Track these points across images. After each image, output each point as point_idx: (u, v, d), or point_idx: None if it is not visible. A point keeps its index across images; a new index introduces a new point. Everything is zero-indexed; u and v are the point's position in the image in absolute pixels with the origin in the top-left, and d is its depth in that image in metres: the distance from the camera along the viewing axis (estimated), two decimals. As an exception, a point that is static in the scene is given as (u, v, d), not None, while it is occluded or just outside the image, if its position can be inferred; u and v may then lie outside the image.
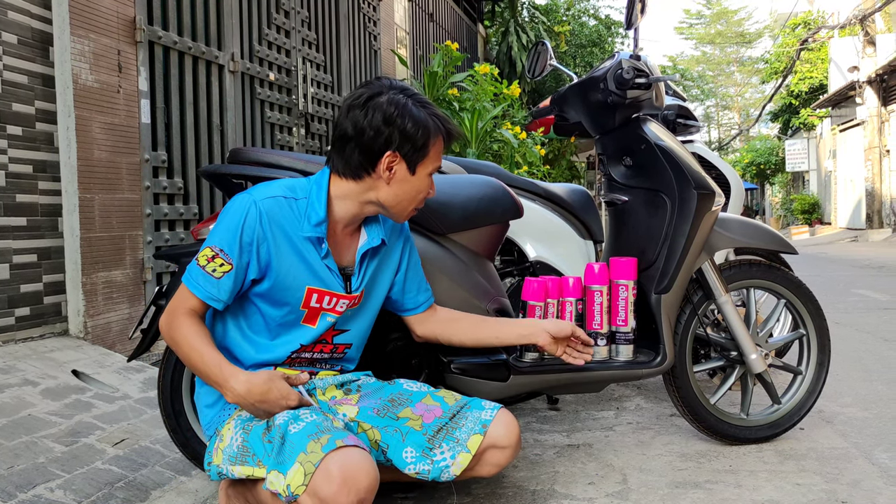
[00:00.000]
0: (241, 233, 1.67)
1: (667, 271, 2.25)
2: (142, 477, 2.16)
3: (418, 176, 1.75)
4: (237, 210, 1.68)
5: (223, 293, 1.68)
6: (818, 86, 23.99)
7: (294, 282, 1.73)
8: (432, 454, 1.79)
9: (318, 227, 1.72)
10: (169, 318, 1.70)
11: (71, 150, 3.12)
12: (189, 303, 1.69)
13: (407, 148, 1.70)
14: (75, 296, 3.15)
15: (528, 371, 2.17)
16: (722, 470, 2.27)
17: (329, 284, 1.77)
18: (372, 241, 1.83)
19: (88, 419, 2.44)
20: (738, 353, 2.43)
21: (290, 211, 1.72)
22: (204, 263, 1.67)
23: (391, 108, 1.68)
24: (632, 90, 2.22)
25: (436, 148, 1.75)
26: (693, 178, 2.23)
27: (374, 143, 1.69)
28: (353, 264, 1.83)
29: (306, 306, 1.77)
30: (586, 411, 3.02)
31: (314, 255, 1.74)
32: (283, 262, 1.72)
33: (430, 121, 1.72)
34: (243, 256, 1.68)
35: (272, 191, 1.72)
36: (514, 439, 1.84)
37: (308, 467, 1.50)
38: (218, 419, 1.78)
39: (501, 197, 2.27)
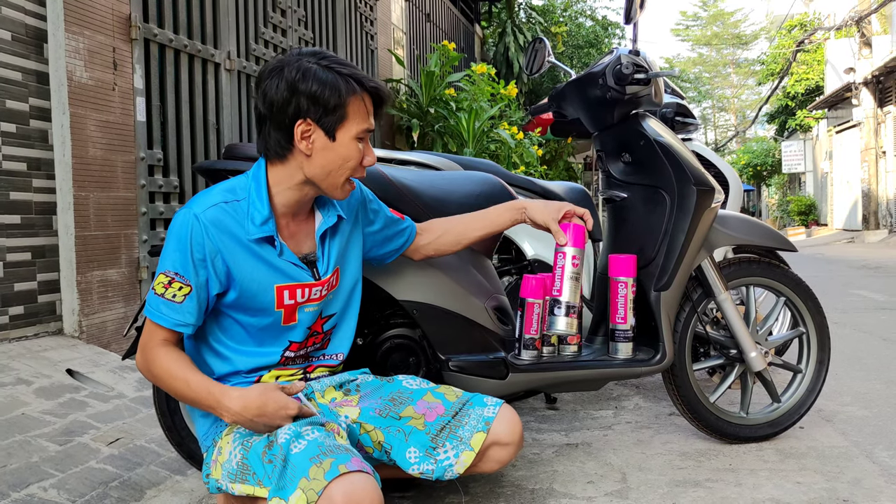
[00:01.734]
0: (191, 251, 1.59)
1: (666, 268, 2.23)
2: (136, 476, 2.14)
3: (340, 142, 1.63)
4: (180, 228, 1.60)
5: (189, 316, 1.61)
6: (814, 87, 24.05)
7: (260, 286, 1.67)
8: (436, 453, 1.77)
9: (264, 225, 1.65)
10: (142, 355, 1.64)
11: (65, 147, 3.09)
12: (158, 335, 1.62)
13: (318, 112, 1.59)
14: (70, 295, 3.13)
15: (526, 369, 2.15)
16: (722, 468, 2.26)
17: (296, 277, 1.71)
18: (328, 221, 1.77)
19: (83, 418, 2.42)
20: (737, 351, 2.42)
21: (233, 215, 1.63)
22: (162, 291, 1.60)
23: (293, 74, 1.58)
24: (631, 86, 2.20)
25: (354, 107, 1.62)
26: (692, 175, 2.22)
27: (284, 116, 1.60)
28: (314, 249, 1.76)
29: (281, 306, 1.70)
30: (585, 410, 3.00)
31: (271, 254, 1.67)
32: (243, 268, 1.65)
33: (341, 80, 1.60)
34: (199, 274, 1.61)
35: (211, 199, 1.64)
36: (516, 436, 1.82)
37: (311, 495, 1.42)
38: (214, 430, 1.73)
39: (498, 193, 2.25)
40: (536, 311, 2.16)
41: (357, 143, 1.65)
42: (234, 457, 1.61)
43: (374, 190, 2.06)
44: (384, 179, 2.10)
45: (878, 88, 17.93)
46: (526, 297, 2.17)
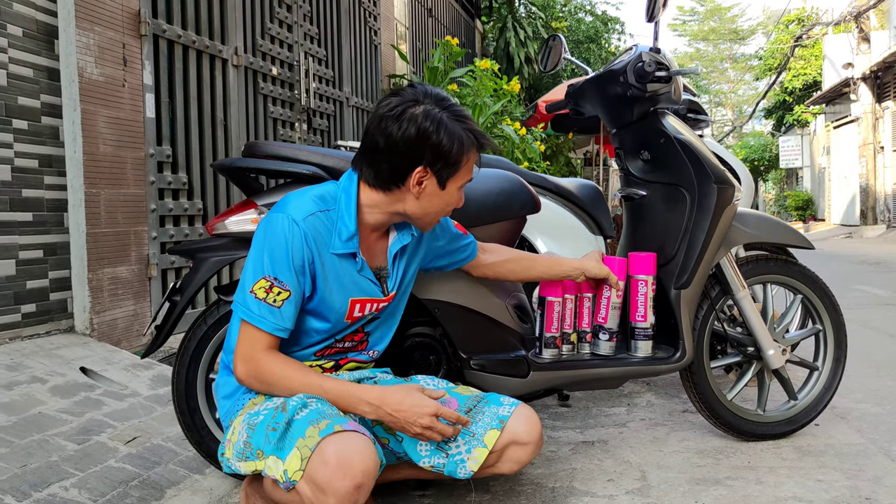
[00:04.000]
0: (291, 257, 1.62)
1: (686, 266, 2.23)
2: (156, 475, 2.13)
3: (448, 191, 1.69)
4: (280, 233, 1.63)
5: (287, 321, 1.64)
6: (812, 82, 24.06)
7: (337, 295, 1.71)
8: (447, 447, 1.77)
9: (350, 241, 1.69)
10: (249, 364, 1.64)
11: (76, 144, 3.08)
12: (261, 342, 1.63)
13: (439, 164, 1.64)
14: (81, 292, 3.11)
15: (547, 367, 2.15)
16: (741, 466, 2.26)
17: (369, 292, 1.76)
18: (402, 240, 1.80)
19: (99, 417, 2.41)
20: (755, 348, 2.42)
21: (325, 225, 1.68)
22: (263, 296, 1.61)
23: (426, 123, 1.61)
24: (652, 83, 2.19)
25: (469, 162, 1.69)
26: (713, 172, 2.21)
27: (405, 158, 1.63)
28: (385, 265, 1.80)
29: (350, 318, 1.76)
30: (598, 407, 3.00)
31: (351, 268, 1.71)
32: (327, 279, 1.69)
33: (465, 135, 1.65)
34: (299, 281, 1.64)
35: (307, 206, 1.67)
36: (535, 435, 1.82)
37: (304, 452, 1.48)
38: (233, 410, 1.76)
39: (519, 191, 2.25)
40: (556, 309, 2.16)
41: (459, 191, 1.72)
42: (241, 436, 1.63)
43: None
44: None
45: (877, 84, 17.94)
46: (546, 296, 2.17)
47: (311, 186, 1.75)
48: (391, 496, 2.10)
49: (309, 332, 1.75)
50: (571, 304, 2.21)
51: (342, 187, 1.73)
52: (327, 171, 2.05)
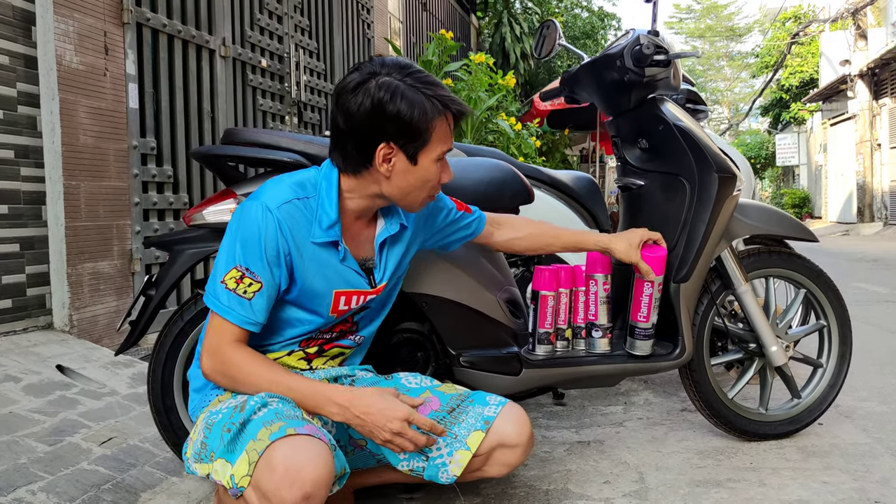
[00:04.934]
0: (264, 247, 1.51)
1: (686, 259, 2.13)
2: (130, 478, 2.03)
3: (422, 165, 1.55)
4: (252, 222, 1.52)
5: (258, 314, 1.53)
6: (809, 80, 24.00)
7: (320, 287, 1.60)
8: (427, 450, 1.65)
9: (331, 230, 1.57)
10: (215, 358, 1.53)
11: (55, 134, 2.97)
12: (229, 334, 1.52)
13: (403, 137, 1.51)
14: (60, 287, 3.01)
15: (541, 364, 2.05)
16: (743, 468, 2.17)
17: (354, 284, 1.64)
18: (389, 229, 1.69)
19: (74, 417, 2.31)
20: (757, 345, 2.33)
21: (304, 213, 1.56)
22: (233, 287, 1.50)
23: (381, 93, 1.48)
24: (650, 67, 2.10)
25: (439, 131, 1.54)
26: (714, 161, 2.12)
27: (366, 135, 1.51)
28: (372, 255, 1.69)
29: (335, 311, 1.64)
30: (593, 406, 2.91)
31: (333, 258, 1.60)
32: (307, 269, 1.58)
33: (428, 103, 1.50)
34: (273, 272, 1.53)
35: (284, 194, 1.56)
36: (524, 437, 1.71)
37: (252, 456, 1.36)
38: (201, 405, 1.65)
39: (511, 181, 2.15)
40: (550, 304, 2.07)
41: (437, 164, 1.58)
42: (199, 436, 1.52)
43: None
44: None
45: (874, 81, 17.87)
46: (539, 290, 2.07)
47: (292, 173, 1.63)
48: (377, 499, 2.01)
49: (293, 323, 1.65)
50: (566, 299, 2.11)
51: (323, 173, 1.61)
52: (310, 158, 1.96)
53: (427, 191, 1.60)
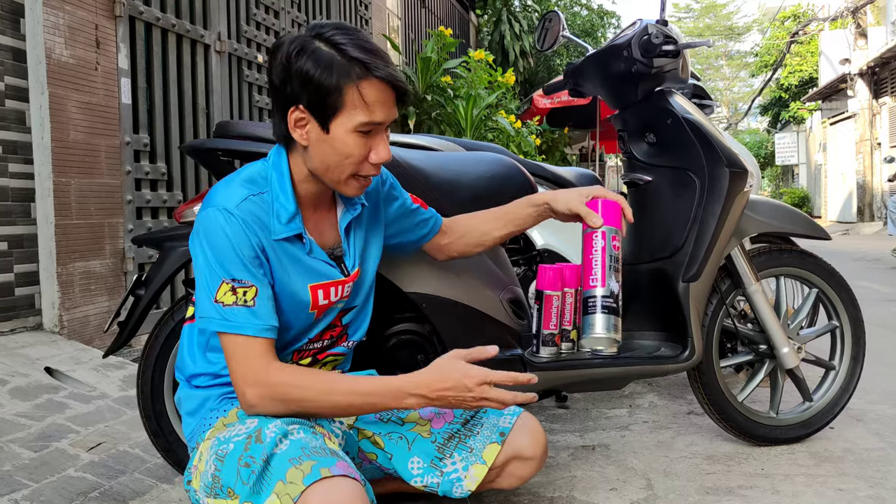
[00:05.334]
0: (238, 252, 1.38)
1: (696, 257, 2.06)
2: (119, 485, 1.95)
3: (335, 135, 1.38)
4: (217, 229, 1.38)
5: (269, 317, 1.40)
6: (808, 79, 23.95)
7: (296, 284, 1.48)
8: (442, 465, 1.59)
9: (291, 223, 1.45)
10: (259, 387, 1.37)
11: (44, 129, 2.89)
12: (256, 351, 1.37)
13: (311, 99, 1.36)
14: (50, 287, 2.93)
15: (545, 367, 1.98)
16: (754, 474, 2.09)
17: (328, 274, 1.52)
18: (351, 212, 1.56)
19: (61, 421, 2.23)
20: (767, 346, 2.25)
21: (263, 209, 1.43)
22: (232, 300, 1.37)
23: (291, 48, 1.35)
24: (659, 58, 2.02)
25: (353, 96, 1.35)
26: (725, 156, 2.04)
27: (281, 99, 1.39)
28: (339, 242, 1.57)
29: (315, 307, 1.51)
30: (597, 409, 2.84)
31: (300, 252, 1.48)
32: (279, 266, 1.45)
33: (339, 61, 1.34)
34: (258, 273, 1.40)
35: (237, 193, 1.42)
36: (539, 449, 1.64)
37: (286, 501, 1.24)
38: (199, 430, 1.52)
39: (514, 175, 2.08)
40: (555, 304, 1.99)
41: (359, 137, 1.38)
42: (210, 467, 1.40)
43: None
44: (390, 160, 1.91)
45: (874, 80, 17.81)
46: (544, 290, 1.99)
47: (239, 170, 1.49)
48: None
49: (280, 328, 1.53)
50: (571, 299, 2.04)
51: (271, 163, 1.48)
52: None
53: (349, 167, 1.41)
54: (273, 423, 1.36)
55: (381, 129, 1.41)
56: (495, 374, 1.39)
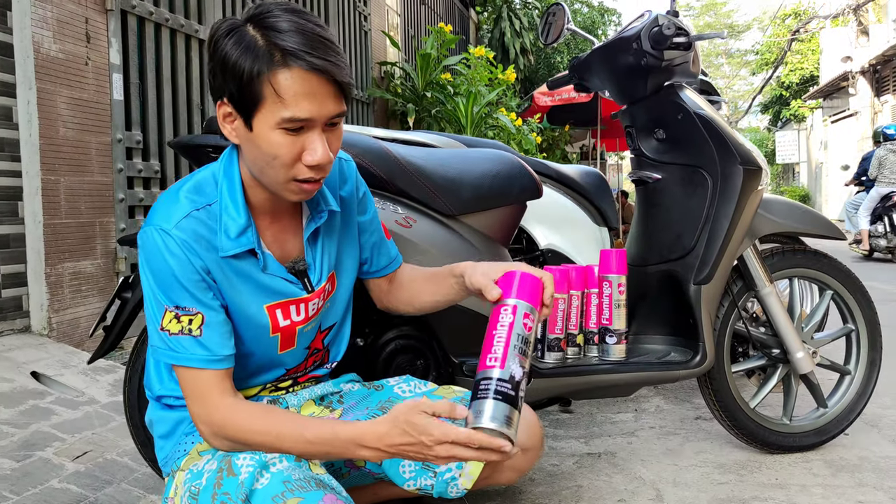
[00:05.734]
0: (179, 278, 1.23)
1: (707, 259, 1.97)
2: (105, 497, 1.86)
3: (258, 132, 1.19)
4: (155, 252, 1.23)
5: (219, 347, 1.25)
6: (809, 77, 23.87)
7: (251, 307, 1.32)
8: (434, 465, 1.48)
9: (242, 237, 1.27)
10: (211, 426, 1.24)
11: (32, 126, 2.80)
12: (205, 385, 1.24)
13: (233, 91, 1.18)
14: (38, 288, 2.84)
15: (551, 373, 1.89)
16: (768, 484, 2.01)
17: (286, 292, 1.35)
18: (316, 220, 1.38)
19: (46, 428, 2.14)
20: (781, 350, 2.17)
21: (208, 225, 1.26)
22: (178, 329, 1.23)
23: (218, 32, 1.19)
24: (669, 50, 1.94)
25: (277, 87, 1.15)
26: (738, 152, 1.96)
27: (211, 90, 1.24)
28: (304, 255, 1.40)
29: (277, 329, 1.36)
30: (602, 414, 2.75)
31: (253, 269, 1.31)
32: (230, 287, 1.29)
33: (259, 47, 1.15)
34: (204, 298, 1.25)
35: (178, 208, 1.25)
36: (535, 440, 1.54)
37: None
38: (174, 456, 1.40)
39: (519, 174, 1.99)
40: (561, 307, 1.91)
41: (285, 135, 1.18)
42: (183, 501, 1.28)
43: (377, 169, 1.80)
44: (389, 157, 1.83)
45: (875, 77, 17.72)
46: (549, 292, 1.90)
47: (189, 176, 1.33)
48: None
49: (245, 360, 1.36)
50: (578, 302, 1.96)
51: (222, 167, 1.30)
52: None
53: (280, 170, 1.21)
54: (249, 457, 1.24)
55: (314, 125, 1.20)
56: (457, 434, 1.14)
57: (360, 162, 1.77)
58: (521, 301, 1.26)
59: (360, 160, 1.78)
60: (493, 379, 1.18)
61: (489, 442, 1.14)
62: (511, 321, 1.24)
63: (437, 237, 1.85)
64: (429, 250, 1.81)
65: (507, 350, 1.21)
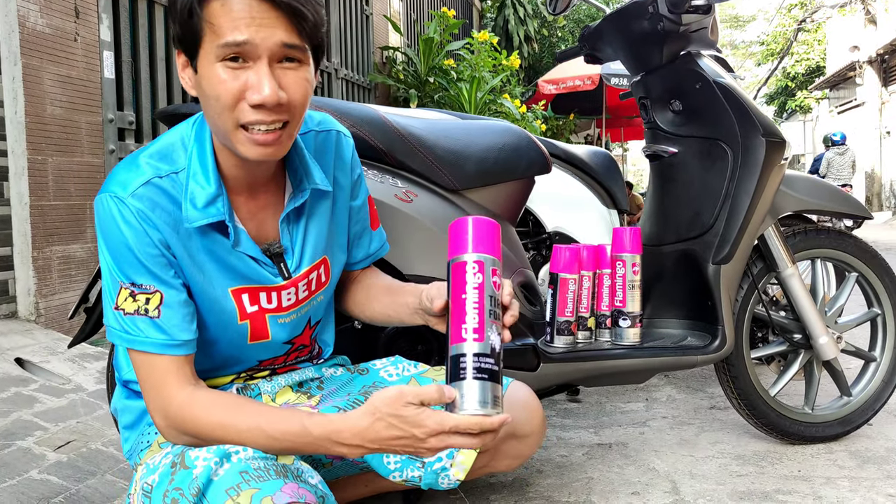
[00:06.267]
0: (134, 251, 1.09)
1: (727, 237, 1.85)
2: (87, 489, 1.76)
3: (202, 72, 1.05)
4: (109, 223, 1.10)
5: (178, 330, 1.12)
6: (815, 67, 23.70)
7: (215, 288, 1.18)
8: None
9: (211, 206, 1.12)
10: (166, 418, 1.12)
11: (17, 103, 2.69)
12: (161, 372, 1.11)
13: (178, 33, 1.07)
14: (25, 272, 2.73)
15: (561, 358, 1.78)
16: (791, 476, 1.89)
17: (255, 278, 1.20)
18: (296, 199, 1.22)
19: (28, 417, 2.04)
20: (803, 336, 2.05)
21: (171, 194, 1.12)
22: (132, 309, 1.10)
23: None
24: (688, 14, 1.81)
25: (208, 19, 1.02)
26: (761, 123, 1.84)
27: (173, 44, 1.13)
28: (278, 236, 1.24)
29: (245, 317, 1.21)
30: (612, 403, 2.64)
31: (222, 246, 1.16)
32: (192, 263, 1.15)
33: None
34: (163, 275, 1.11)
35: (138, 174, 1.11)
36: (536, 423, 1.41)
37: None
38: (137, 449, 1.29)
39: (527, 147, 1.87)
40: (571, 288, 1.79)
41: (225, 69, 1.03)
42: (137, 497, 1.16)
43: (375, 140, 1.68)
44: (386, 126, 1.71)
45: (883, 67, 17.55)
46: (559, 273, 1.79)
47: (157, 139, 1.19)
48: (371, 514, 1.74)
49: (210, 349, 1.23)
50: (589, 283, 1.84)
51: (194, 132, 1.16)
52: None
53: (224, 113, 1.06)
54: (206, 451, 1.11)
55: (255, 56, 1.03)
56: (454, 421, 1.01)
57: (357, 132, 1.65)
58: (486, 255, 1.08)
59: (357, 130, 1.66)
60: (473, 354, 1.02)
61: (490, 423, 1.01)
62: (481, 282, 1.06)
63: (439, 213, 1.73)
64: (430, 227, 1.70)
65: (482, 318, 1.04)
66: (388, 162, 1.71)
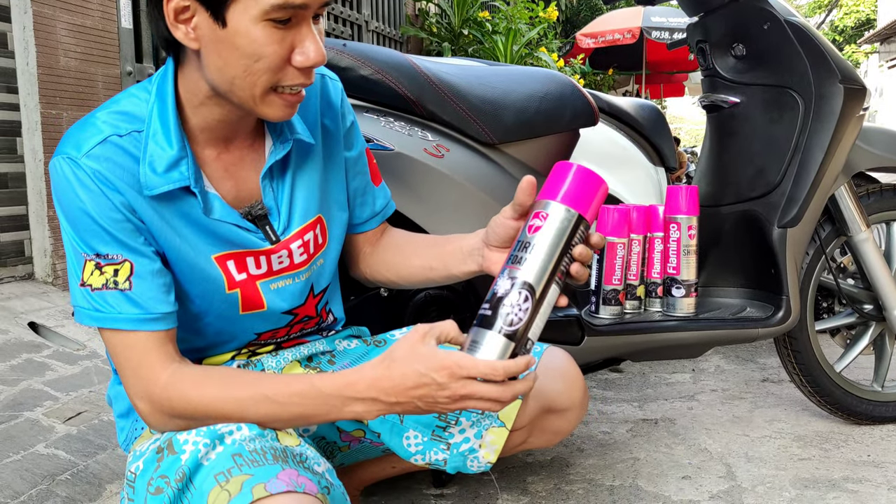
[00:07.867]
0: (94, 218, 0.95)
1: (796, 197, 1.66)
2: (96, 465, 1.64)
3: (236, 28, 0.90)
4: (64, 187, 0.95)
5: (154, 302, 0.97)
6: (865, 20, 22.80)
7: (198, 253, 1.03)
8: (447, 435, 1.19)
9: (174, 170, 0.98)
10: (151, 402, 0.98)
11: (29, 54, 2.55)
12: (140, 351, 0.97)
13: None
14: (40, 232, 2.62)
15: (607, 331, 1.61)
16: (860, 462, 1.72)
17: (238, 242, 1.05)
18: (277, 151, 1.06)
19: (38, 385, 1.93)
20: (874, 307, 1.86)
21: (132, 154, 0.97)
22: (100, 284, 0.96)
23: None
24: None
25: None
26: (839, 68, 1.63)
27: None
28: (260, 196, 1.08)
29: (234, 285, 1.06)
30: (656, 374, 2.48)
31: (194, 210, 1.01)
32: (167, 227, 1.01)
33: None
34: (130, 242, 0.97)
35: (94, 132, 0.97)
36: (576, 396, 1.23)
37: None
38: (131, 438, 1.15)
39: (570, 95, 1.68)
40: (620, 253, 1.62)
41: (271, 29, 0.91)
42: (125, 493, 1.04)
43: (403, 88, 1.50)
44: (415, 73, 1.53)
45: (938, 19, 16.79)
46: (606, 236, 1.62)
47: (119, 95, 1.03)
48: (397, 496, 1.60)
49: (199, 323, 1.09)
50: (639, 248, 1.67)
51: (156, 87, 1.00)
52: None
53: (264, 76, 0.93)
54: (195, 435, 0.97)
55: (305, 15, 0.92)
56: (480, 365, 0.90)
57: (382, 78, 1.48)
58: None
59: (383, 77, 1.49)
60: None
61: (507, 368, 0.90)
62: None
63: (473, 169, 1.56)
64: (463, 184, 1.53)
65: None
66: (416, 112, 1.54)
